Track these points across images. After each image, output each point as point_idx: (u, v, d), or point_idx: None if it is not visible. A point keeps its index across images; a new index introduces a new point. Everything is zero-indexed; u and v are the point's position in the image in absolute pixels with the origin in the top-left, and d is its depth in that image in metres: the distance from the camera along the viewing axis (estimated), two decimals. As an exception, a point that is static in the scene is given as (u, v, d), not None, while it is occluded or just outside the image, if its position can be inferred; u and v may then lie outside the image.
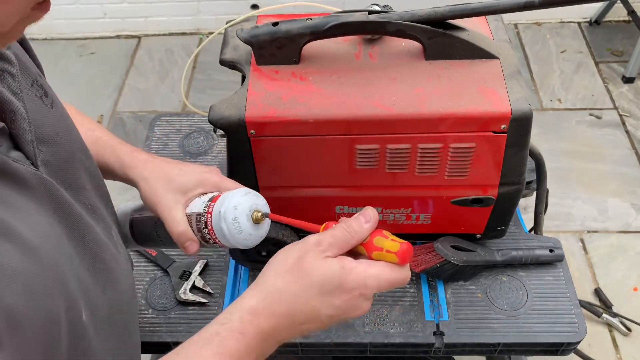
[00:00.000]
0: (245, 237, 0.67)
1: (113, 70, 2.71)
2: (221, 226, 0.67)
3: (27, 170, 0.49)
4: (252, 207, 0.67)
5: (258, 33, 0.78)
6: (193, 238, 0.71)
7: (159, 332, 0.91)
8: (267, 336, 0.56)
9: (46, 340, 0.44)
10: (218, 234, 0.68)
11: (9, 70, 0.50)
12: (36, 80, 0.56)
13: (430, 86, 0.78)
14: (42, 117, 0.54)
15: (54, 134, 0.55)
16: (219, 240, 0.69)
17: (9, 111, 0.49)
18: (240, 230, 0.66)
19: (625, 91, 2.51)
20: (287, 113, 0.76)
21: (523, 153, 0.80)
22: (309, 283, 0.56)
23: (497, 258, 0.95)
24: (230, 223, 0.66)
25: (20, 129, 0.50)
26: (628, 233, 2.02)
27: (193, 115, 1.24)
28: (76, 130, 0.62)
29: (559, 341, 0.89)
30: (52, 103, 0.58)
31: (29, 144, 0.50)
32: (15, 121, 0.50)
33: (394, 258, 0.57)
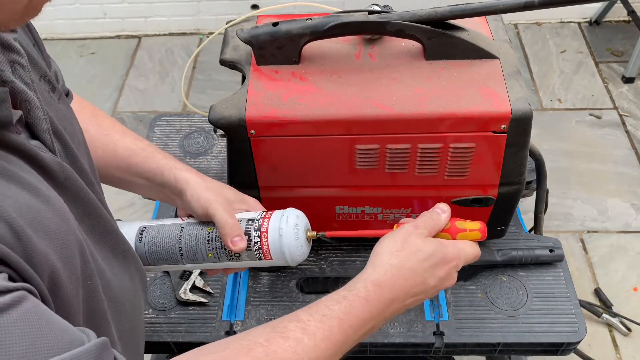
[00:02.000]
0: (298, 249, 0.70)
1: (113, 70, 2.71)
2: (281, 227, 0.69)
3: (49, 157, 0.50)
4: (308, 225, 0.73)
5: (258, 33, 0.78)
6: (242, 233, 0.70)
7: (159, 332, 0.91)
8: (386, 307, 0.62)
9: (77, 298, 0.48)
10: (272, 237, 0.70)
11: (19, 62, 0.51)
12: (44, 75, 0.57)
13: (430, 86, 0.78)
14: (51, 109, 0.55)
15: (60, 128, 0.55)
16: (269, 246, 0.70)
17: (24, 101, 0.49)
18: (297, 237, 0.70)
19: (625, 91, 2.51)
20: (287, 113, 0.76)
21: (523, 153, 0.80)
22: (421, 258, 0.64)
23: (497, 258, 0.95)
24: (292, 228, 0.70)
25: (36, 118, 0.50)
26: (628, 233, 2.02)
27: (193, 115, 1.24)
28: (80, 128, 0.63)
29: (559, 341, 0.89)
30: (58, 98, 0.59)
31: (45, 132, 0.51)
32: (30, 110, 0.50)
33: (477, 235, 0.68)
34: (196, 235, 0.73)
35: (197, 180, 0.75)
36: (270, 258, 0.71)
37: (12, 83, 0.49)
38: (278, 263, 0.72)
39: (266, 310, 0.93)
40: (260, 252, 0.71)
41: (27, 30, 0.62)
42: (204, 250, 0.73)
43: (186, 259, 0.74)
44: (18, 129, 0.48)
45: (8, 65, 0.49)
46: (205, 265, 0.76)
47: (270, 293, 0.96)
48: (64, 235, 0.46)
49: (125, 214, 2.07)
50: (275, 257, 0.71)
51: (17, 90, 0.49)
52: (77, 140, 0.59)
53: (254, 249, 0.71)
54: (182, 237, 0.74)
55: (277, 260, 0.71)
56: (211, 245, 0.73)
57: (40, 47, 0.66)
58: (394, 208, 0.89)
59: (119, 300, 0.58)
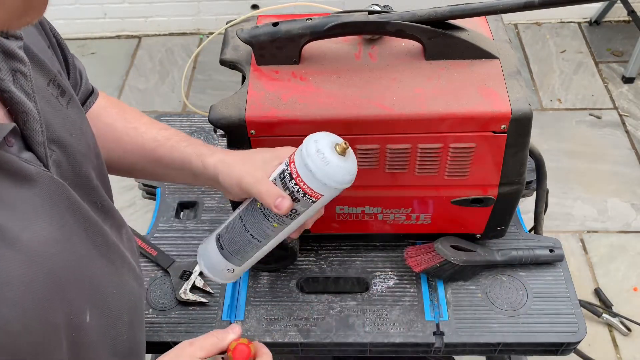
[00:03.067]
0: (334, 170, 0.63)
1: (113, 70, 2.71)
2: (306, 163, 0.63)
3: (37, 172, 0.49)
4: (333, 140, 0.65)
5: (258, 33, 0.78)
6: (282, 194, 0.66)
7: (159, 332, 0.91)
8: None
9: (43, 344, 0.45)
10: (305, 176, 0.64)
11: (21, 70, 0.50)
12: (53, 79, 0.56)
13: (430, 86, 0.78)
14: (56, 117, 0.54)
15: (66, 134, 0.55)
16: (309, 185, 0.64)
17: (21, 112, 0.49)
18: (327, 162, 0.63)
19: (625, 91, 2.51)
20: (287, 113, 0.76)
21: (523, 153, 0.80)
22: None
23: (497, 258, 0.95)
24: (315, 156, 0.63)
25: (32, 130, 0.50)
26: (628, 233, 2.02)
27: (193, 115, 1.24)
28: (90, 131, 0.63)
29: (559, 341, 0.89)
30: (68, 102, 0.58)
31: (40, 145, 0.51)
32: (27, 122, 0.50)
33: (230, 357, 0.66)
34: (253, 215, 0.70)
35: (224, 162, 0.71)
36: (321, 194, 0.65)
37: (11, 93, 0.49)
38: (335, 193, 0.66)
39: (266, 310, 0.94)
40: (308, 196, 0.65)
41: (42, 32, 0.61)
42: (268, 224, 0.70)
43: (262, 240, 0.71)
44: (10, 141, 0.47)
45: (9, 74, 0.49)
46: (281, 235, 0.72)
47: (270, 293, 0.96)
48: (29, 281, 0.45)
49: (125, 214, 2.07)
50: (324, 192, 0.65)
51: (15, 100, 0.49)
52: (84, 145, 0.59)
53: (301, 197, 0.66)
54: (246, 224, 0.71)
55: (328, 193, 0.65)
56: (270, 217, 0.69)
57: (58, 47, 0.65)
58: (394, 208, 0.89)
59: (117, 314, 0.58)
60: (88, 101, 0.76)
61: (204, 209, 1.09)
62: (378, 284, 0.96)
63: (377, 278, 0.97)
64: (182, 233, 1.05)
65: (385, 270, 0.98)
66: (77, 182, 0.55)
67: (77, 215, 0.53)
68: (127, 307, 0.62)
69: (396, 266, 0.98)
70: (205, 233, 1.05)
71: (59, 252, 0.49)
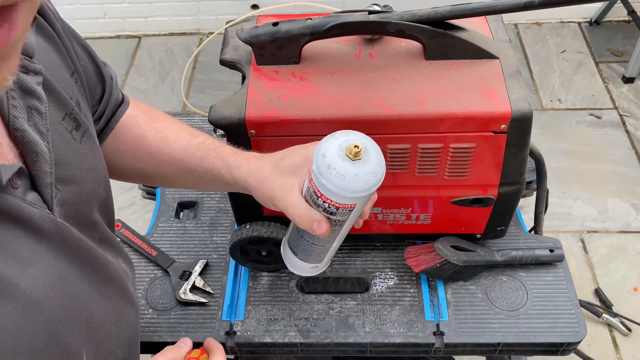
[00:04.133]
0: (353, 181, 0.57)
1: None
2: (323, 183, 0.58)
3: (41, 215, 0.48)
4: (342, 144, 0.58)
5: (258, 33, 0.78)
6: (317, 217, 0.61)
7: (159, 332, 0.91)
8: None
9: None
10: (328, 194, 0.59)
11: (37, 108, 0.50)
12: (69, 113, 0.56)
13: (430, 86, 0.77)
14: (67, 153, 0.54)
15: (76, 172, 0.54)
16: (336, 201, 0.59)
17: (32, 152, 0.48)
18: (342, 176, 0.57)
19: (625, 91, 2.51)
20: (287, 113, 0.76)
21: (523, 153, 0.80)
22: None
23: (497, 258, 0.94)
24: (327, 173, 0.57)
25: (41, 171, 0.49)
26: (628, 233, 2.02)
27: (193, 115, 1.24)
28: (102, 164, 0.62)
29: (559, 341, 0.89)
30: (82, 136, 0.57)
31: (47, 186, 0.50)
32: (36, 162, 0.49)
33: None
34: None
35: (253, 175, 0.67)
36: (353, 204, 0.60)
37: (24, 132, 0.48)
38: (368, 196, 0.60)
39: (266, 310, 0.93)
40: (341, 209, 0.60)
41: (67, 56, 0.60)
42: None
43: (325, 244, 0.67)
44: (15, 183, 0.47)
45: (25, 111, 0.48)
46: (342, 234, 0.67)
47: (270, 293, 0.96)
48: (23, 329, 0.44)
49: (125, 214, 2.07)
50: (354, 202, 0.60)
51: (27, 140, 0.48)
52: (93, 181, 0.58)
53: (335, 210, 0.60)
54: (304, 235, 0.67)
55: (360, 201, 0.60)
56: None
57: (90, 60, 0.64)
58: (394, 208, 0.89)
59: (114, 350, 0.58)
60: (118, 111, 0.75)
61: (204, 209, 1.09)
62: (378, 284, 0.96)
63: (377, 278, 0.97)
64: (182, 233, 1.05)
65: (385, 270, 0.98)
66: (80, 220, 0.55)
67: (77, 255, 0.53)
68: (125, 341, 0.61)
69: (396, 266, 0.98)
70: (205, 233, 1.05)
71: (57, 296, 0.48)
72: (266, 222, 0.90)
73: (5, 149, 0.47)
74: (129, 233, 1.04)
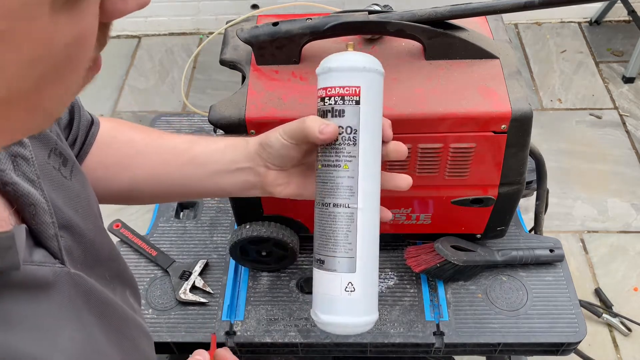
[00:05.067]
0: (354, 55, 0.59)
1: (113, 70, 2.71)
2: (324, 65, 0.59)
3: (54, 272, 0.44)
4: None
5: (258, 33, 0.78)
6: (325, 121, 0.60)
7: (159, 332, 0.91)
8: None
9: None
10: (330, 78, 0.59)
11: (21, 154, 0.44)
12: (54, 149, 0.51)
13: (430, 86, 0.77)
14: (61, 195, 0.49)
15: (73, 213, 0.50)
16: (339, 84, 0.59)
17: (28, 205, 0.43)
18: (341, 53, 0.60)
19: (626, 91, 2.51)
20: (287, 113, 0.76)
21: (523, 153, 0.80)
22: None
23: (497, 258, 0.94)
24: (330, 56, 0.60)
25: (42, 224, 0.45)
26: (628, 233, 2.02)
27: (193, 115, 1.24)
28: (93, 195, 0.57)
29: (559, 341, 0.89)
30: (71, 171, 0.53)
31: (52, 238, 0.45)
32: (36, 215, 0.44)
33: None
34: (323, 181, 0.61)
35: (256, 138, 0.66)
36: (357, 85, 0.58)
37: (15, 185, 0.42)
38: (370, 80, 0.59)
39: (266, 310, 0.93)
40: (347, 98, 0.58)
41: None
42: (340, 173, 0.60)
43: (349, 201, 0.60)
44: None
45: (10, 161, 0.43)
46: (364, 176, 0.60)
47: (270, 293, 0.96)
48: None
49: (125, 214, 2.07)
50: (357, 81, 0.58)
51: (20, 193, 0.43)
52: (91, 217, 0.54)
53: (342, 106, 0.58)
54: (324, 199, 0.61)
55: (363, 79, 0.59)
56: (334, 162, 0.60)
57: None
58: (394, 208, 0.89)
59: None
60: (91, 131, 0.69)
61: (204, 209, 1.09)
62: (378, 284, 0.96)
63: (377, 278, 0.96)
64: (182, 233, 1.05)
65: (385, 270, 0.98)
66: (88, 263, 0.51)
67: (95, 303, 0.49)
68: None
69: (396, 266, 0.98)
70: (205, 233, 1.05)
71: (79, 354, 0.44)
72: (266, 222, 0.90)
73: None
74: (129, 233, 1.04)
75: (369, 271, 0.62)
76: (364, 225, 0.61)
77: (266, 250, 0.93)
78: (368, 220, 0.61)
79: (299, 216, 0.91)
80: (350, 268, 0.60)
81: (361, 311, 0.61)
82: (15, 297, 0.40)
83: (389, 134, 0.63)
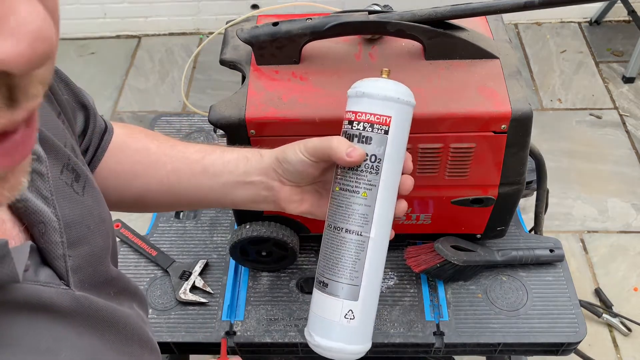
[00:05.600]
0: (387, 83, 0.60)
1: (113, 70, 2.71)
2: (357, 90, 0.60)
3: (58, 293, 0.43)
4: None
5: (258, 33, 0.78)
6: (352, 144, 0.59)
7: (159, 332, 0.91)
8: None
9: None
10: (362, 104, 0.59)
11: (38, 170, 0.43)
12: (67, 164, 0.49)
13: (430, 86, 0.77)
14: (73, 212, 0.48)
15: (85, 230, 0.49)
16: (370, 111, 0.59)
17: (39, 223, 0.42)
18: (376, 80, 0.60)
19: (626, 91, 2.51)
20: (287, 113, 0.76)
21: (523, 153, 0.80)
22: None
23: (498, 258, 0.94)
24: (364, 80, 0.61)
25: (51, 243, 0.43)
26: (628, 233, 2.02)
27: (193, 115, 1.24)
28: (106, 209, 0.56)
29: (559, 341, 0.89)
30: (83, 187, 0.51)
31: (59, 258, 0.44)
32: (45, 234, 0.43)
33: None
34: (338, 205, 0.60)
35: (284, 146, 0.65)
36: (388, 115, 0.58)
37: (27, 202, 0.41)
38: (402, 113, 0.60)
39: (266, 310, 0.93)
40: (377, 127, 0.58)
41: (51, 96, 0.53)
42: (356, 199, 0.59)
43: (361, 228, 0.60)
44: (25, 265, 0.41)
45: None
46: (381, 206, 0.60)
47: (270, 293, 0.96)
48: None
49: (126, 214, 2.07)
50: (389, 111, 0.59)
51: (31, 210, 0.42)
52: (103, 233, 0.52)
53: (370, 133, 0.58)
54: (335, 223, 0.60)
55: (395, 110, 0.59)
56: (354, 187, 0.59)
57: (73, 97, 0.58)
58: (394, 208, 0.89)
59: None
60: (104, 138, 0.68)
61: (204, 209, 1.09)
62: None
63: (377, 278, 0.96)
64: (182, 233, 1.05)
65: (385, 270, 0.97)
66: (96, 282, 0.49)
67: (99, 325, 0.47)
68: None
69: (396, 266, 0.98)
70: (205, 233, 1.05)
71: None
72: (266, 222, 0.90)
73: (8, 225, 0.41)
74: (129, 233, 1.04)
75: (371, 301, 0.61)
76: (373, 254, 0.60)
77: (266, 250, 0.93)
78: (378, 250, 0.60)
79: (298, 217, 0.91)
80: (353, 296, 0.60)
81: (356, 340, 0.60)
82: (15, 316, 0.39)
83: (409, 167, 0.63)
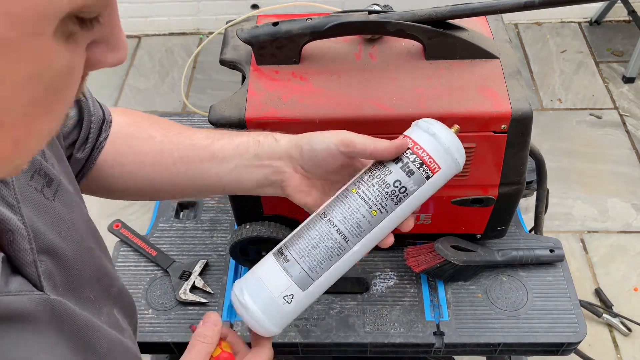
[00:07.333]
0: (456, 139, 0.61)
1: (113, 70, 2.71)
2: (428, 128, 0.60)
3: (30, 300, 0.43)
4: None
5: (258, 33, 0.78)
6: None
7: (159, 332, 0.91)
8: None
9: None
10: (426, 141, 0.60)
11: (0, 179, 0.43)
12: (38, 170, 0.49)
13: (430, 86, 0.77)
14: (42, 218, 0.48)
15: (56, 236, 0.48)
16: (429, 152, 0.60)
17: (6, 231, 0.42)
18: (449, 131, 0.61)
19: (626, 91, 2.51)
20: (287, 113, 0.76)
21: (523, 153, 0.80)
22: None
23: (498, 258, 0.94)
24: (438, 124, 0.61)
25: (20, 250, 0.43)
26: (628, 233, 2.02)
27: (193, 115, 1.24)
28: (81, 211, 0.56)
29: (559, 341, 0.89)
30: (55, 192, 0.51)
31: (29, 265, 0.44)
32: (13, 242, 0.43)
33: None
34: (346, 204, 0.59)
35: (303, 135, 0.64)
36: (440, 167, 0.60)
37: None
38: (450, 171, 0.61)
39: (266, 310, 0.93)
40: (425, 168, 0.59)
41: None
42: (365, 211, 0.59)
43: (352, 238, 0.59)
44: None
45: None
46: (378, 231, 0.60)
47: (270, 293, 0.96)
48: None
49: (125, 214, 2.07)
50: (443, 163, 0.60)
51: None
52: (76, 239, 0.52)
53: (416, 169, 0.59)
54: (333, 218, 0.59)
55: (447, 165, 0.60)
56: (369, 199, 0.59)
57: None
58: (394, 208, 0.89)
59: None
60: (103, 130, 0.68)
61: (204, 209, 1.09)
62: (378, 284, 0.96)
63: (377, 278, 0.96)
64: (182, 233, 1.05)
65: (385, 270, 0.98)
66: (70, 286, 0.49)
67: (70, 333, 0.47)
68: None
69: (396, 266, 0.98)
70: (205, 233, 1.05)
71: None
72: (266, 222, 0.90)
73: None
74: (128, 233, 1.04)
75: (311, 298, 0.61)
76: (342, 264, 0.60)
77: (266, 250, 0.93)
78: (348, 263, 0.61)
79: (299, 216, 0.91)
80: (303, 285, 0.60)
81: (277, 322, 0.61)
82: None
83: (417, 211, 0.64)
